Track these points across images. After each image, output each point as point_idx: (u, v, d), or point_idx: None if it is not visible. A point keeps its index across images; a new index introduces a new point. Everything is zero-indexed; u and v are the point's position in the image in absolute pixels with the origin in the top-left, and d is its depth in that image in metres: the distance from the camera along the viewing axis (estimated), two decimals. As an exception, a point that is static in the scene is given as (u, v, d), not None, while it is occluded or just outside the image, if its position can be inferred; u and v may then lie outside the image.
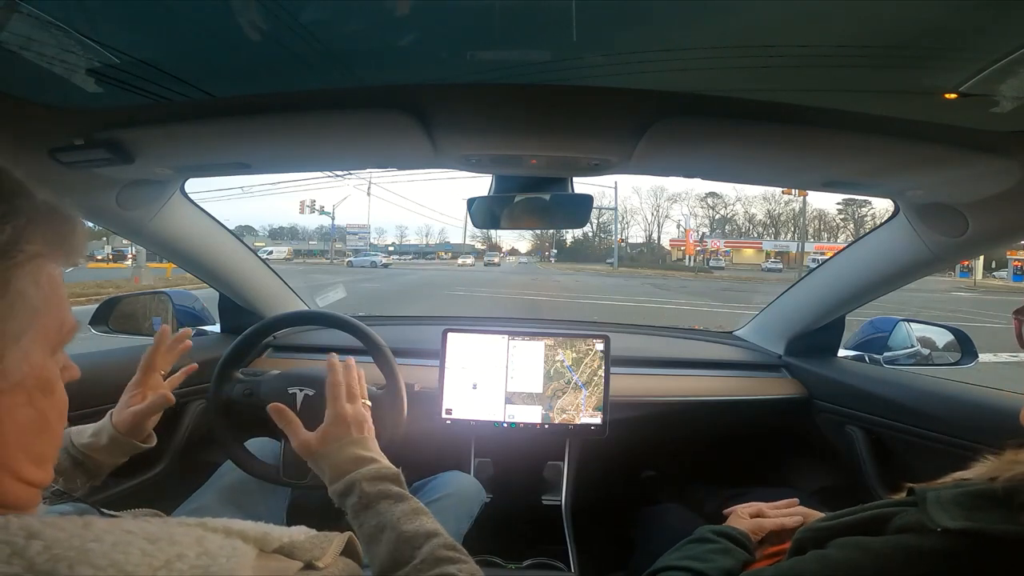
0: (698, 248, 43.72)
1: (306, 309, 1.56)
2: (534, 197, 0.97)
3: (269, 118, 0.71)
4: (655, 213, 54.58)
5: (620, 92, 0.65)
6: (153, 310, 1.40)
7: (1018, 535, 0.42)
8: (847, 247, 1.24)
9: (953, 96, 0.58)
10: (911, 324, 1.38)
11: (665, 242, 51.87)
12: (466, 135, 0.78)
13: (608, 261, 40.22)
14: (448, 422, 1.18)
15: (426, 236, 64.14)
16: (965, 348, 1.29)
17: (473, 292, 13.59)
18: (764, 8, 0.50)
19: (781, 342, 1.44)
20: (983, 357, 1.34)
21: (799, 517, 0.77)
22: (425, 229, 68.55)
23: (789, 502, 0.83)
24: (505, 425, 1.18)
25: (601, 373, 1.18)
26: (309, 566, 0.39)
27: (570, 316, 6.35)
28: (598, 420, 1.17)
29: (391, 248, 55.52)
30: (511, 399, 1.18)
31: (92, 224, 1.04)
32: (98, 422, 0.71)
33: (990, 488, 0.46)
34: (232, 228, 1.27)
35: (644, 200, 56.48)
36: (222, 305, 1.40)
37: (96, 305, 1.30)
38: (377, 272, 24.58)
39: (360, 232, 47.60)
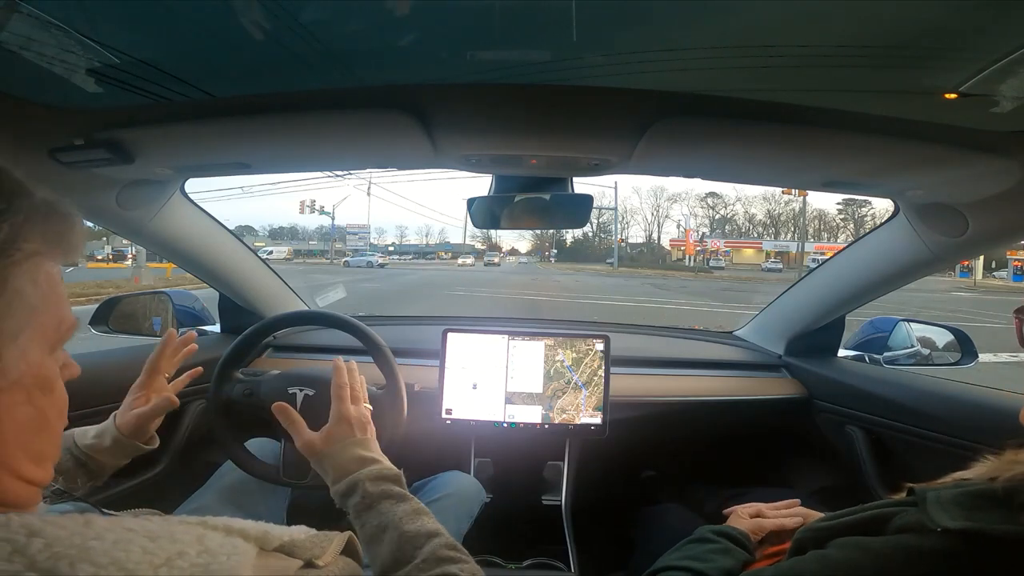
0: (698, 248, 43.71)
1: (306, 309, 1.56)
2: (534, 197, 0.97)
3: (269, 118, 0.71)
4: (655, 213, 54.67)
5: (620, 92, 0.65)
6: (153, 310, 1.40)
7: (1018, 535, 0.42)
8: (847, 247, 1.24)
9: (953, 96, 0.58)
10: (911, 324, 1.38)
11: (665, 242, 51.95)
12: (466, 135, 0.78)
13: (608, 261, 40.20)
14: (448, 422, 1.18)
15: (426, 236, 64.25)
16: (965, 348, 1.29)
17: (473, 292, 13.59)
18: (764, 8, 0.50)
19: (781, 342, 1.44)
20: (983, 357, 1.34)
21: (799, 518, 0.77)
22: (425, 229, 68.73)
23: (789, 503, 0.82)
24: (505, 425, 1.18)
25: (601, 373, 1.18)
26: (309, 564, 0.39)
27: (570, 316, 6.35)
28: (598, 420, 1.17)
29: (391, 248, 55.52)
30: (511, 399, 1.18)
31: (92, 224, 1.04)
32: (101, 423, 0.71)
33: (990, 488, 0.46)
34: (232, 228, 1.27)
35: (644, 200, 56.61)
36: (222, 305, 1.40)
37: (96, 305, 1.30)
38: (376, 272, 24.57)
39: (360, 232, 47.59)
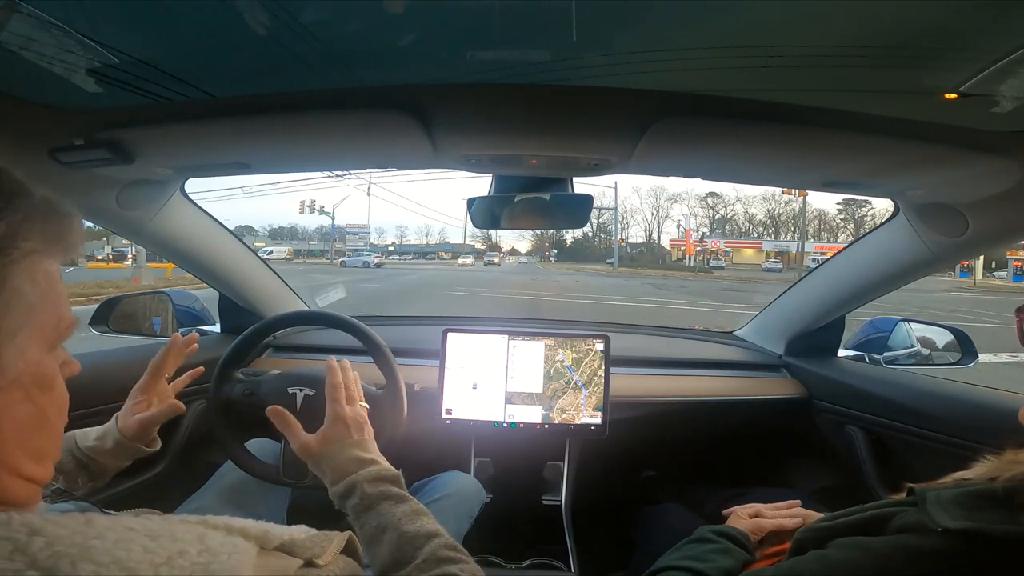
0: (698, 248, 43.71)
1: (306, 309, 1.56)
2: (534, 197, 0.97)
3: (269, 118, 0.71)
4: (655, 213, 54.66)
5: (620, 92, 0.65)
6: (153, 310, 1.40)
7: (1018, 535, 0.42)
8: (847, 247, 1.24)
9: (953, 96, 0.58)
10: (911, 324, 1.38)
11: (665, 242, 51.95)
12: (466, 135, 0.78)
13: (608, 261, 40.19)
14: (448, 422, 1.18)
15: (426, 236, 64.26)
16: (965, 348, 1.29)
17: (473, 292, 13.59)
18: (764, 8, 0.50)
19: (781, 342, 1.44)
20: (983, 357, 1.34)
21: (799, 519, 0.77)
22: (425, 229, 68.72)
23: (789, 503, 0.82)
24: (505, 425, 1.18)
25: (601, 373, 1.18)
26: (309, 564, 0.39)
27: (570, 316, 6.35)
28: (598, 420, 1.17)
29: (391, 248, 55.51)
30: (511, 399, 1.18)
31: (92, 224, 1.04)
32: (103, 425, 0.71)
33: (990, 488, 0.46)
34: (232, 228, 1.27)
35: (644, 200, 56.60)
36: (222, 305, 1.40)
37: (96, 305, 1.30)
38: (376, 272, 24.58)
39: (360, 232, 47.59)
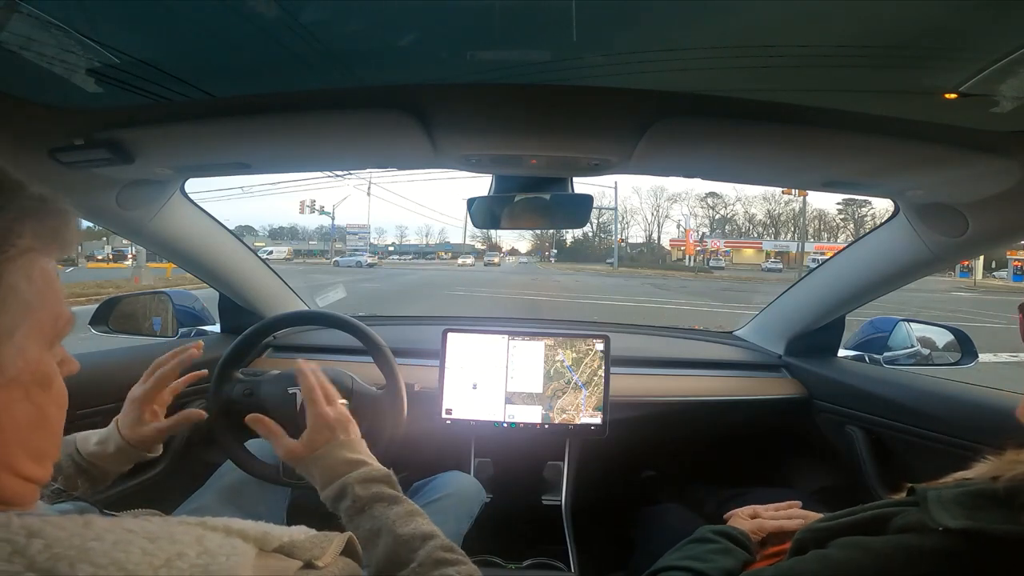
0: (698, 248, 43.69)
1: (306, 309, 1.56)
2: (534, 197, 0.97)
3: (269, 118, 0.71)
4: (655, 213, 54.63)
5: (620, 92, 0.65)
6: (153, 310, 1.40)
7: (1019, 535, 0.42)
8: (847, 247, 1.24)
9: (953, 96, 0.58)
10: (911, 324, 1.38)
11: (665, 242, 51.92)
12: (466, 135, 0.78)
13: (608, 261, 40.19)
14: (448, 422, 1.18)
15: (426, 236, 64.23)
16: (965, 348, 1.29)
17: (473, 292, 13.59)
18: (764, 8, 0.50)
19: (781, 342, 1.44)
20: (983, 357, 1.34)
21: (799, 520, 0.77)
22: (425, 229, 68.70)
23: (790, 504, 0.82)
24: (505, 425, 1.18)
25: (601, 373, 1.18)
26: (309, 565, 0.39)
27: (570, 316, 6.35)
28: (598, 420, 1.17)
29: (391, 248, 55.50)
30: (511, 399, 1.18)
31: (92, 224, 1.04)
32: (103, 429, 0.70)
33: (991, 488, 0.46)
34: (232, 228, 1.27)
35: (644, 200, 56.57)
36: (222, 305, 1.40)
37: (96, 305, 1.30)
38: (376, 272, 24.58)
39: (360, 232, 47.52)
